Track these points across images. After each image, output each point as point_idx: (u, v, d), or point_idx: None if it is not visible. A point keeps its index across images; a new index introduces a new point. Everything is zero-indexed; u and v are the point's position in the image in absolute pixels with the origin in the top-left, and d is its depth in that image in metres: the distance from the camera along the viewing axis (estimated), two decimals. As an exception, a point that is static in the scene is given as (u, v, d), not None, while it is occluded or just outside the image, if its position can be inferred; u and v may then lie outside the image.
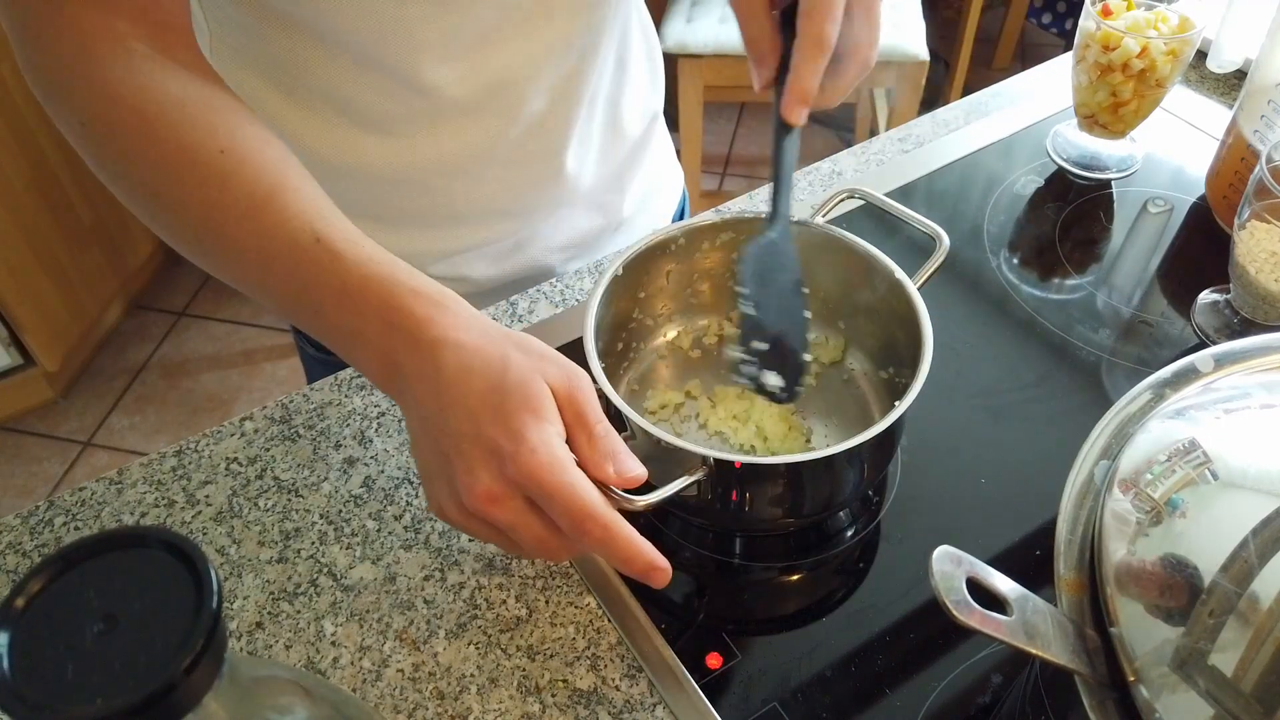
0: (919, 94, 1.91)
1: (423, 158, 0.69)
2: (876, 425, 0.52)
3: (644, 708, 0.53)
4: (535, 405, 0.45)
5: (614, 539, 0.44)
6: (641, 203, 0.84)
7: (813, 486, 0.57)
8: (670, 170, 0.90)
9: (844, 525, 0.62)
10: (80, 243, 1.89)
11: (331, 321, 0.49)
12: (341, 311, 0.48)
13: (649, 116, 0.82)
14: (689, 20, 1.93)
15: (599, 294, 0.60)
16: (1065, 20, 2.61)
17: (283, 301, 0.50)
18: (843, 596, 0.58)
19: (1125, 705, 0.36)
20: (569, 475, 0.44)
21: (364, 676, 0.55)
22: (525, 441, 0.43)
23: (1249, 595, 0.35)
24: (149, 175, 0.50)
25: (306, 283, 0.48)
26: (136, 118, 0.49)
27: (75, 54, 0.50)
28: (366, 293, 0.47)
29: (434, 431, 0.46)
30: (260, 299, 0.52)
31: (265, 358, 2.06)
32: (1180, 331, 0.73)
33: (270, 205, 0.49)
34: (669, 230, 0.64)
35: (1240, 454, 0.40)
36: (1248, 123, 0.75)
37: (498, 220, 0.75)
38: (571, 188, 0.76)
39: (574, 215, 0.79)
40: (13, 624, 0.24)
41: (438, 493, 0.47)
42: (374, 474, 0.65)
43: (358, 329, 0.48)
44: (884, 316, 0.63)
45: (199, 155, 0.49)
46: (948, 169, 0.87)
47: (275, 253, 0.49)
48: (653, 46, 0.81)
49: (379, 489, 0.64)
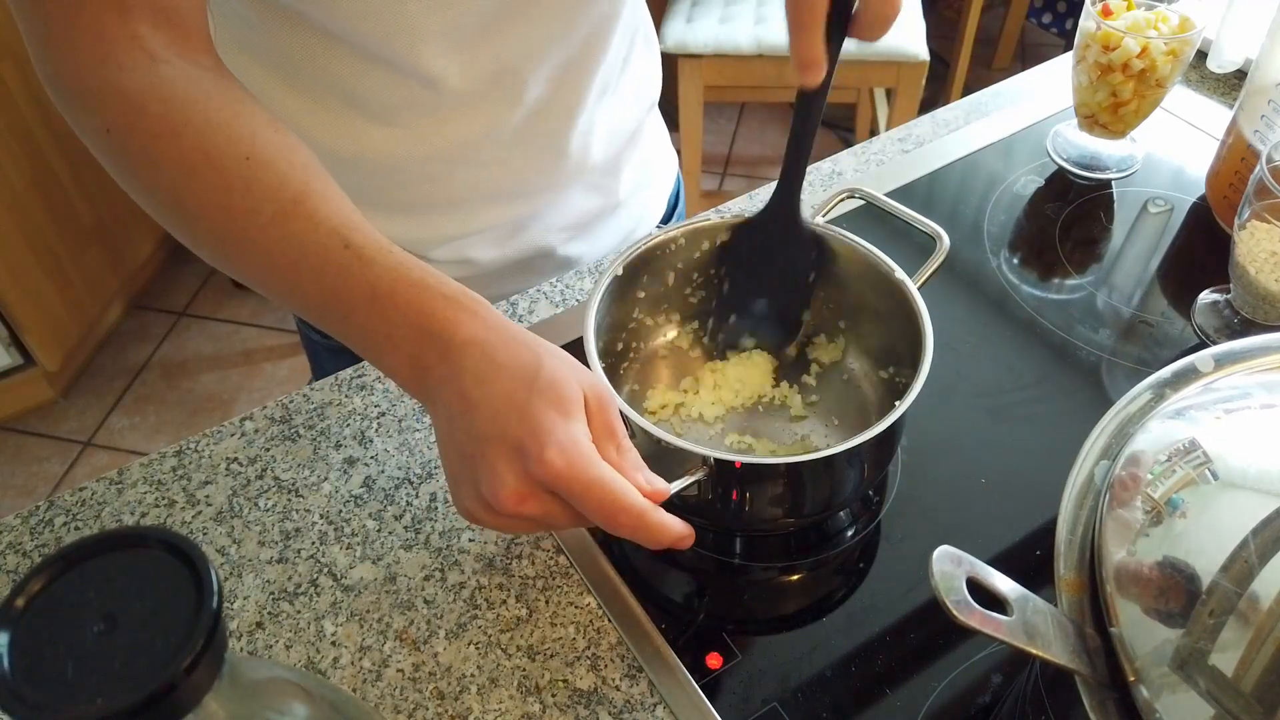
0: (919, 94, 1.91)
1: (426, 146, 0.69)
2: (877, 425, 0.52)
3: (644, 708, 0.53)
4: (564, 405, 0.45)
5: (645, 526, 0.45)
6: (637, 185, 0.85)
7: (813, 486, 0.57)
8: (665, 154, 0.91)
9: (844, 525, 0.62)
10: (80, 243, 1.89)
11: (361, 326, 0.49)
12: (371, 316, 0.48)
13: (647, 104, 0.82)
14: (689, 20, 1.93)
15: (599, 294, 0.60)
16: (1065, 20, 2.61)
17: (311, 307, 0.50)
18: (843, 596, 0.58)
19: (1125, 705, 0.36)
20: (593, 471, 0.44)
21: (364, 676, 0.55)
22: (550, 442, 0.43)
23: (1249, 595, 0.35)
24: (173, 182, 0.50)
25: (336, 288, 0.48)
26: (161, 125, 0.49)
27: (97, 62, 0.50)
28: (395, 297, 0.47)
29: (459, 434, 0.46)
30: (286, 304, 0.52)
31: (265, 358, 2.06)
32: (1180, 331, 0.73)
33: (297, 211, 0.49)
34: (669, 231, 0.64)
35: (1240, 454, 0.40)
36: (1248, 123, 0.75)
37: (500, 204, 0.76)
38: (573, 171, 0.77)
39: (573, 196, 0.80)
40: (13, 624, 0.24)
41: (464, 496, 0.47)
42: (374, 474, 0.65)
43: (387, 333, 0.48)
44: (884, 316, 0.63)
45: (224, 162, 0.49)
46: (948, 169, 0.87)
47: (303, 258, 0.49)
48: (650, 37, 0.82)
49: (379, 489, 0.64)
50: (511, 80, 0.67)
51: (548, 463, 0.43)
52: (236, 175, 0.49)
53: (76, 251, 1.88)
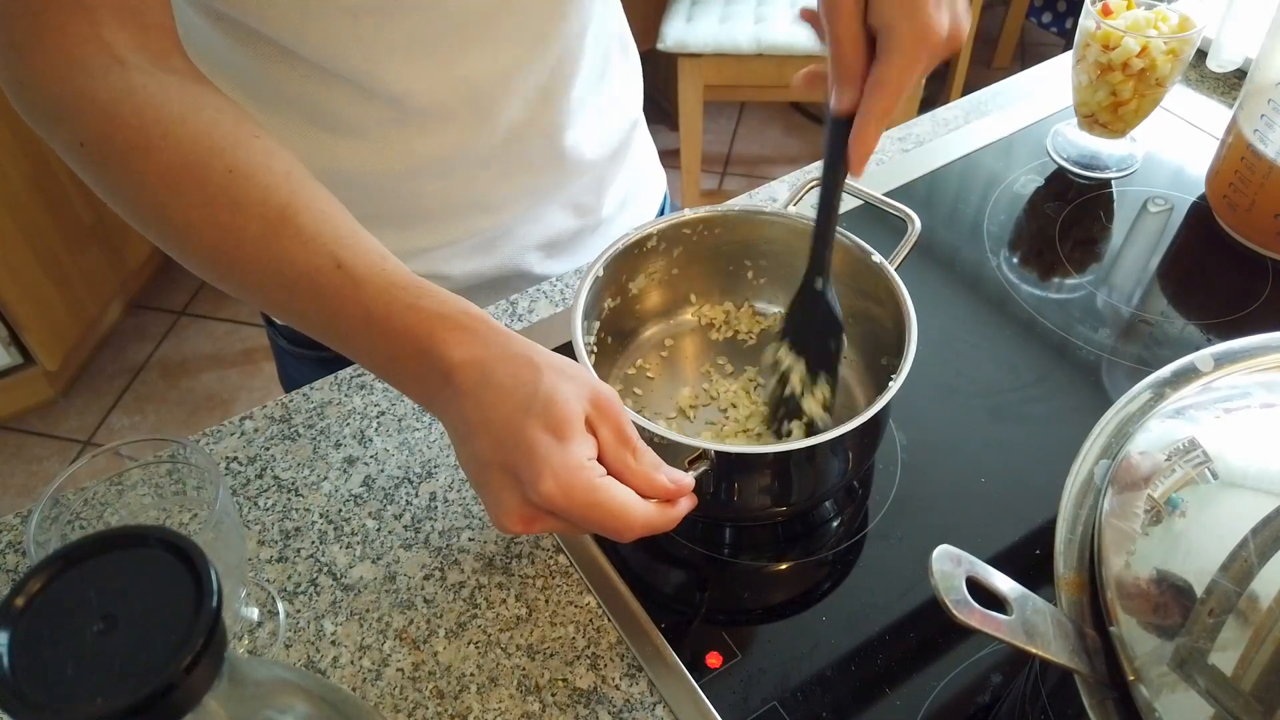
0: (919, 94, 1.91)
1: (396, 162, 0.68)
2: (876, 403, 0.53)
3: (644, 707, 0.53)
4: (560, 427, 0.44)
5: (653, 528, 0.46)
6: (621, 205, 0.84)
7: (821, 467, 0.57)
8: (652, 173, 0.89)
9: (844, 525, 0.62)
10: (80, 243, 1.89)
11: (364, 349, 0.48)
12: (372, 339, 0.47)
13: (629, 122, 0.81)
14: (689, 20, 1.93)
15: (583, 296, 0.60)
16: (1065, 20, 2.61)
17: (311, 328, 0.50)
18: (843, 596, 0.58)
19: (1125, 705, 0.36)
20: (591, 497, 0.44)
21: (364, 676, 0.55)
22: (544, 472, 0.43)
23: (1248, 594, 0.35)
24: (155, 196, 0.48)
25: (333, 311, 0.48)
26: (137, 137, 0.48)
27: (65, 70, 0.48)
28: (391, 320, 0.47)
29: (464, 457, 0.47)
30: (287, 322, 0.52)
31: (265, 357, 2.06)
32: (1180, 331, 0.73)
33: (285, 228, 0.48)
34: (645, 229, 0.64)
35: (1240, 453, 0.40)
36: (1248, 122, 0.75)
37: (473, 217, 0.75)
38: (550, 188, 0.76)
39: (551, 214, 0.79)
40: (13, 624, 0.24)
41: (488, 508, 0.47)
42: (374, 473, 0.65)
43: (390, 355, 0.47)
44: (867, 300, 0.63)
45: (206, 174, 0.48)
46: (947, 168, 0.87)
47: (297, 279, 0.48)
48: (628, 46, 0.81)
49: (379, 488, 0.64)
50: (483, 99, 0.67)
51: (544, 493, 0.43)
52: (220, 189, 0.48)
53: (76, 251, 1.88)
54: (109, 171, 0.49)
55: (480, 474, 0.46)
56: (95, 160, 0.49)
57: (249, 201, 0.48)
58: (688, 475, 0.49)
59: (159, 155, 0.48)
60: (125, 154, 0.48)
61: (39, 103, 0.49)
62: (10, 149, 1.68)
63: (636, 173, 0.86)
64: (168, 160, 0.48)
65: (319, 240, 0.48)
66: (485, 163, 0.71)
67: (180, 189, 0.48)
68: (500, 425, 0.44)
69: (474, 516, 0.62)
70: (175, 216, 0.49)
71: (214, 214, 0.48)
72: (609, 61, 0.77)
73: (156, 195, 0.48)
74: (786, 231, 0.66)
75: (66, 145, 0.49)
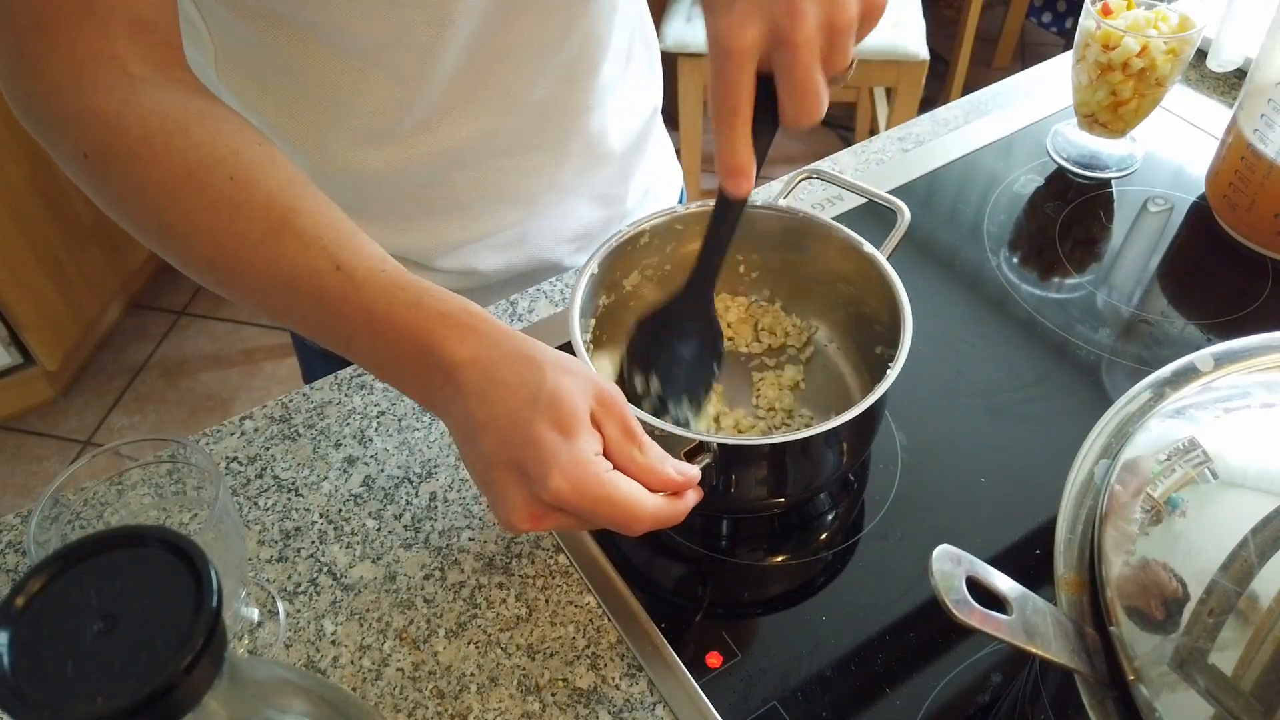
0: (919, 93, 1.91)
1: (425, 152, 0.69)
2: (872, 394, 0.53)
3: (644, 707, 0.53)
4: (567, 423, 0.44)
5: (662, 522, 0.46)
6: (644, 195, 0.85)
7: (804, 462, 0.57)
8: (670, 164, 0.91)
9: (844, 524, 0.62)
10: (80, 242, 1.88)
11: (365, 350, 0.48)
12: (373, 340, 0.47)
13: (650, 108, 0.82)
14: (689, 20, 1.93)
15: (579, 293, 0.60)
16: (1065, 19, 2.61)
17: (311, 332, 0.50)
18: (843, 596, 0.58)
19: (1125, 704, 0.36)
20: (600, 491, 0.44)
21: (364, 676, 0.55)
22: (554, 467, 0.43)
23: (1248, 594, 0.35)
24: (156, 203, 0.49)
25: (333, 314, 0.48)
26: (141, 147, 0.48)
27: (73, 82, 0.48)
28: (393, 319, 0.47)
29: (470, 456, 0.47)
30: (288, 326, 0.52)
31: (265, 357, 2.06)
32: (1180, 331, 0.73)
33: (286, 232, 0.48)
34: (637, 225, 0.65)
35: (1240, 453, 0.40)
36: (1248, 122, 0.75)
37: (504, 209, 0.76)
38: (578, 175, 0.77)
39: (578, 207, 0.79)
40: (13, 623, 0.24)
41: (494, 507, 0.47)
42: (374, 473, 0.65)
43: (392, 355, 0.47)
44: (861, 291, 0.63)
45: (208, 180, 0.48)
46: (947, 168, 0.87)
47: (297, 281, 0.48)
48: (650, 39, 0.82)
49: (379, 488, 0.64)
50: (509, 80, 0.67)
51: (553, 490, 0.43)
52: (222, 196, 0.48)
53: (76, 251, 1.88)
54: (111, 180, 0.49)
55: (486, 472, 0.45)
56: (98, 170, 0.49)
57: (250, 207, 0.48)
58: (694, 467, 0.49)
59: (161, 162, 0.48)
60: (128, 162, 0.48)
61: (45, 115, 0.50)
62: (10, 149, 1.68)
63: (656, 163, 0.87)
64: (170, 167, 0.48)
65: (319, 244, 0.48)
66: (511, 150, 0.71)
67: (182, 195, 0.48)
68: (506, 423, 0.44)
69: (474, 516, 0.62)
70: (176, 223, 0.49)
71: (215, 220, 0.48)
72: (633, 47, 0.77)
73: (158, 202, 0.49)
74: (779, 224, 0.66)
75: (69, 156, 0.50)
